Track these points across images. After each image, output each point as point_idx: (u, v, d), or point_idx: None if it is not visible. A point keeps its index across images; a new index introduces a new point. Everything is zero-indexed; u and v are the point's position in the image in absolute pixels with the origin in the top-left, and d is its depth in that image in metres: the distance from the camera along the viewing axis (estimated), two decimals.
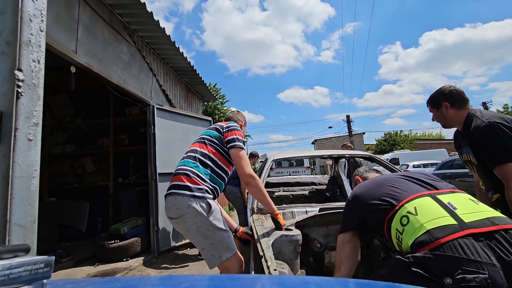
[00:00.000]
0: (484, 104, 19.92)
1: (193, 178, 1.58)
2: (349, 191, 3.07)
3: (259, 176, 2.19)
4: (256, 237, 1.56)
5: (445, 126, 1.69)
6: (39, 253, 0.95)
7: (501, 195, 1.44)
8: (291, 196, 4.16)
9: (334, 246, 1.65)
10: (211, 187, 1.63)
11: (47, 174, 5.34)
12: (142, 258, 3.71)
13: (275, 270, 1.15)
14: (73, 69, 2.96)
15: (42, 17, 1.40)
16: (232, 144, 1.66)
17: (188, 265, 3.47)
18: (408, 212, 0.94)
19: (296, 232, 1.55)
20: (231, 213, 6.85)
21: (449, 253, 0.77)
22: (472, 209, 0.90)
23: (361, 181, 1.48)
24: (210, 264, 1.57)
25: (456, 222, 0.84)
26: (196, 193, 1.53)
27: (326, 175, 5.07)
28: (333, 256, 1.76)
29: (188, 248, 4.20)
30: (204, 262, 3.42)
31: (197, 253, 3.92)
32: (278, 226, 1.61)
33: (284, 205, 2.07)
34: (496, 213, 0.90)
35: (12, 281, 0.38)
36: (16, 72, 1.26)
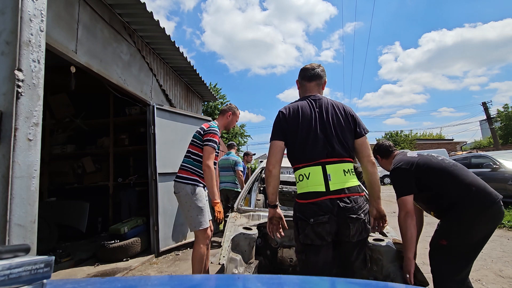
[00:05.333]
0: (484, 104, 19.84)
1: (188, 171, 2.44)
2: None
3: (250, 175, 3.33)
4: (224, 233, 2.14)
5: (386, 169, 2.21)
6: (39, 253, 0.95)
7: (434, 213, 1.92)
8: (293, 193, 4.73)
9: (287, 245, 2.27)
10: (200, 174, 2.44)
11: (47, 174, 5.33)
12: (142, 258, 3.71)
13: (223, 257, 1.75)
14: (73, 69, 2.96)
15: (42, 17, 1.40)
16: (205, 143, 2.42)
17: (187, 265, 3.47)
18: (304, 173, 1.50)
19: (253, 232, 2.05)
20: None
21: (313, 207, 1.43)
22: (339, 179, 1.45)
23: None
24: (190, 229, 2.43)
25: (325, 190, 1.43)
26: (187, 181, 2.39)
27: None
28: (285, 252, 2.30)
29: (188, 248, 4.19)
30: None
31: None
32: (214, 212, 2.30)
33: (255, 209, 2.66)
34: (352, 184, 1.47)
35: (12, 281, 0.38)
36: (16, 72, 1.26)
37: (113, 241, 3.68)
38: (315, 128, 1.53)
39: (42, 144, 1.46)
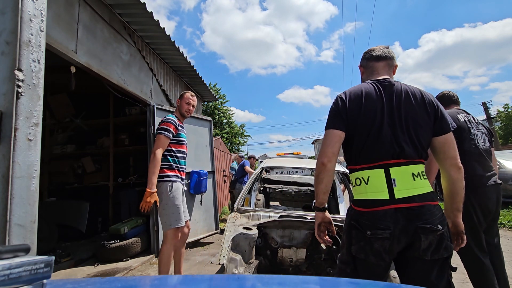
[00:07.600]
0: (484, 104, 19.83)
1: (163, 169, 2.49)
2: (340, 196, 3.34)
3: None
4: (224, 233, 2.13)
5: None
6: (39, 253, 0.95)
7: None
8: (293, 193, 4.92)
9: (287, 245, 2.26)
10: (174, 167, 2.54)
11: (47, 174, 5.33)
12: (142, 258, 3.71)
13: (223, 257, 1.80)
14: (73, 69, 2.95)
15: (42, 17, 1.40)
16: (156, 132, 2.53)
17: (187, 266, 3.47)
18: (362, 177, 1.25)
19: (253, 232, 2.04)
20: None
21: (372, 217, 1.17)
22: (407, 185, 1.18)
23: None
24: (163, 228, 2.48)
25: (388, 198, 1.16)
26: (163, 179, 2.47)
27: None
28: (285, 252, 2.29)
29: (188, 249, 4.19)
30: (203, 262, 3.63)
31: (197, 253, 3.96)
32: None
33: (255, 209, 2.64)
34: (424, 190, 1.19)
35: (12, 281, 0.38)
36: (16, 72, 1.26)
37: (113, 241, 3.68)
38: (380, 121, 1.22)
39: (42, 144, 1.46)
